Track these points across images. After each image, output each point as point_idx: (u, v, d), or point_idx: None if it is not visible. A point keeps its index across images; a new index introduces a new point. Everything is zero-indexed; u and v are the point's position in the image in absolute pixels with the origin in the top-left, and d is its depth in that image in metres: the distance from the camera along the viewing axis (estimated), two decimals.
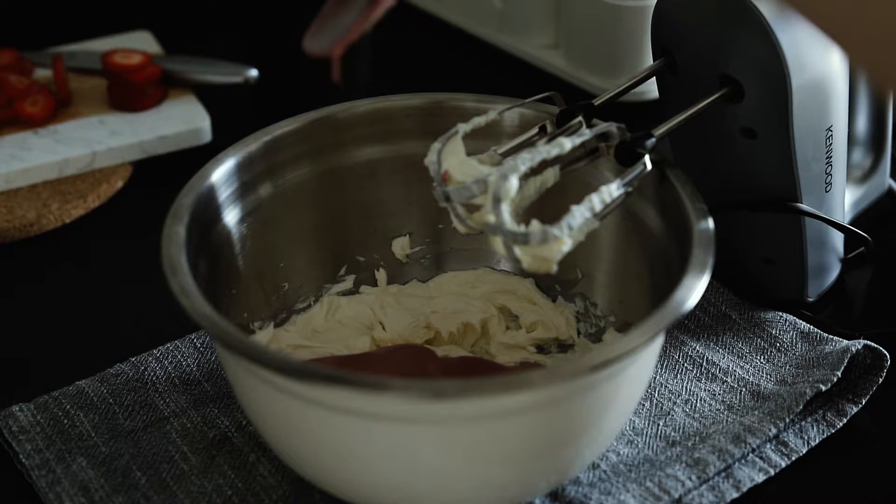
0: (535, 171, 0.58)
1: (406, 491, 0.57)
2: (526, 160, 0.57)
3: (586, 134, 0.60)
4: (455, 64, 1.00)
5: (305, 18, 0.64)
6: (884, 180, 0.79)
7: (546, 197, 0.60)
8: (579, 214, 0.56)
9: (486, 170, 0.59)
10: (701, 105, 0.63)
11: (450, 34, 1.02)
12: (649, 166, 0.60)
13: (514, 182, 0.56)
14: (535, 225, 0.55)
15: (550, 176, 0.59)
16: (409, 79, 0.96)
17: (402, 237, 0.72)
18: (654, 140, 0.61)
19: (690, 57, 0.65)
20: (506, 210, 0.56)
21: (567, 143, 0.59)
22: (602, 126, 0.61)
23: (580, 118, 0.62)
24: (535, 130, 0.63)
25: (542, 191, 0.59)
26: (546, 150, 0.58)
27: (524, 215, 0.58)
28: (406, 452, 0.54)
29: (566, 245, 0.56)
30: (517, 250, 0.56)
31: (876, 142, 0.78)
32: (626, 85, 0.66)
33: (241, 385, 0.58)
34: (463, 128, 0.61)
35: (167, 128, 0.85)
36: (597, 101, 0.63)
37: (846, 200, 0.73)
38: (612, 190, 0.58)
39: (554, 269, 0.56)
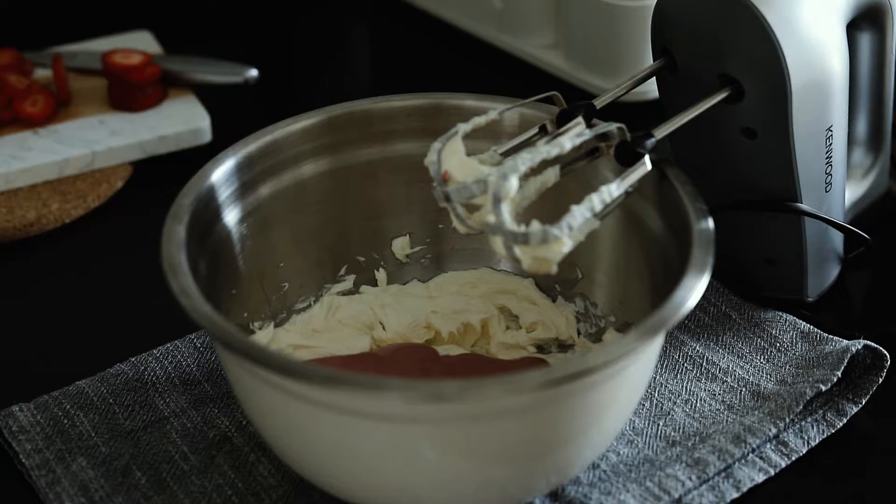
0: (535, 171, 0.58)
1: (406, 491, 0.57)
2: (526, 160, 0.57)
3: (586, 134, 0.60)
4: (455, 64, 0.99)
5: (305, 18, 0.64)
6: (884, 180, 0.79)
7: (546, 197, 0.60)
8: (579, 214, 0.56)
9: (486, 170, 0.59)
10: (701, 105, 0.63)
11: (450, 34, 1.02)
12: (649, 166, 0.60)
13: (514, 182, 0.56)
14: (535, 225, 0.55)
15: (550, 176, 0.59)
16: (409, 79, 0.96)
17: (402, 237, 0.72)
18: (654, 140, 0.61)
19: (690, 57, 0.65)
20: (506, 210, 0.56)
21: (567, 143, 0.59)
22: (602, 126, 0.61)
23: (580, 118, 0.62)
24: (535, 130, 0.63)
25: (542, 191, 0.59)
26: (546, 150, 0.58)
27: (524, 215, 0.58)
28: (406, 452, 0.54)
29: (566, 245, 0.56)
30: (517, 250, 0.56)
31: (876, 142, 0.78)
32: (626, 85, 0.66)
33: (241, 385, 0.58)
34: (463, 128, 0.60)
35: (167, 128, 0.85)
36: (597, 102, 0.63)
37: (846, 200, 0.73)
38: (612, 190, 0.58)
39: (554, 269, 0.56)
